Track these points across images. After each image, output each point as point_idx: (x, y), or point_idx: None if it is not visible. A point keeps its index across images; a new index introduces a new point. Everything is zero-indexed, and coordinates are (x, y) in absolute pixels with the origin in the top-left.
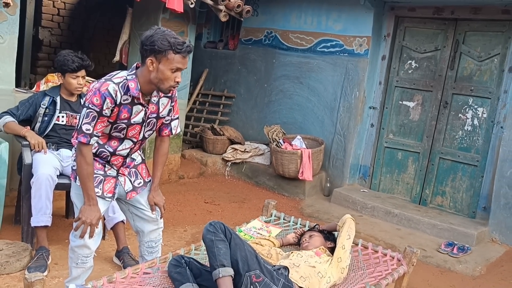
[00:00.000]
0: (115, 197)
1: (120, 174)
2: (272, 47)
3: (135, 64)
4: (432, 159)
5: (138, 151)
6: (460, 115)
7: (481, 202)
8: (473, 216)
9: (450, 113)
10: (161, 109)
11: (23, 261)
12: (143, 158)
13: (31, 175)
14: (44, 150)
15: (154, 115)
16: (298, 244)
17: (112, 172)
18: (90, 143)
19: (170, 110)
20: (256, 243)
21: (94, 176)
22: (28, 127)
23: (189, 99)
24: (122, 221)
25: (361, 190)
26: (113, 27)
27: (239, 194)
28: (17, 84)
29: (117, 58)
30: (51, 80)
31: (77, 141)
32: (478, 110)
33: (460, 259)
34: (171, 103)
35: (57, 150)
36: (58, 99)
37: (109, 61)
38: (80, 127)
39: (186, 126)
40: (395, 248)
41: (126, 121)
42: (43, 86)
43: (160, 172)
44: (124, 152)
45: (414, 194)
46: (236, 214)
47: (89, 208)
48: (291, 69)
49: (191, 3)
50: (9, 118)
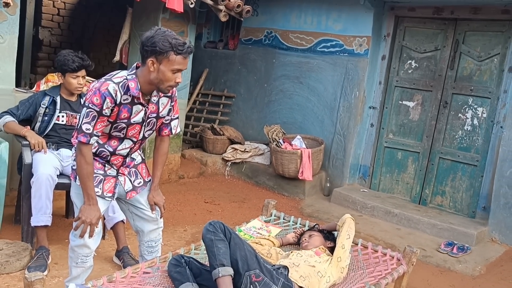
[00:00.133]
0: (115, 197)
1: (120, 174)
2: (272, 47)
3: (135, 64)
4: (432, 159)
5: (138, 151)
6: (460, 115)
7: (481, 202)
8: (473, 216)
9: (450, 113)
10: (161, 109)
11: (23, 261)
12: (143, 158)
13: (31, 175)
14: (44, 150)
15: (154, 115)
16: (298, 244)
17: (112, 172)
18: (90, 143)
19: (170, 110)
20: (256, 243)
21: (94, 176)
22: (28, 127)
23: (189, 99)
24: (122, 221)
25: (361, 190)
26: (113, 27)
27: (239, 194)
28: (17, 84)
29: (117, 58)
30: (51, 80)
31: (77, 141)
32: (478, 110)
33: (460, 259)
34: (171, 103)
35: (57, 150)
36: (58, 99)
37: (109, 61)
38: (80, 127)
39: (186, 126)
40: (395, 248)
41: (126, 121)
42: (43, 86)
43: (160, 172)
44: (124, 152)
45: (414, 194)
46: (236, 214)
47: (89, 208)
48: (291, 69)
49: (191, 3)
50: (9, 118)
